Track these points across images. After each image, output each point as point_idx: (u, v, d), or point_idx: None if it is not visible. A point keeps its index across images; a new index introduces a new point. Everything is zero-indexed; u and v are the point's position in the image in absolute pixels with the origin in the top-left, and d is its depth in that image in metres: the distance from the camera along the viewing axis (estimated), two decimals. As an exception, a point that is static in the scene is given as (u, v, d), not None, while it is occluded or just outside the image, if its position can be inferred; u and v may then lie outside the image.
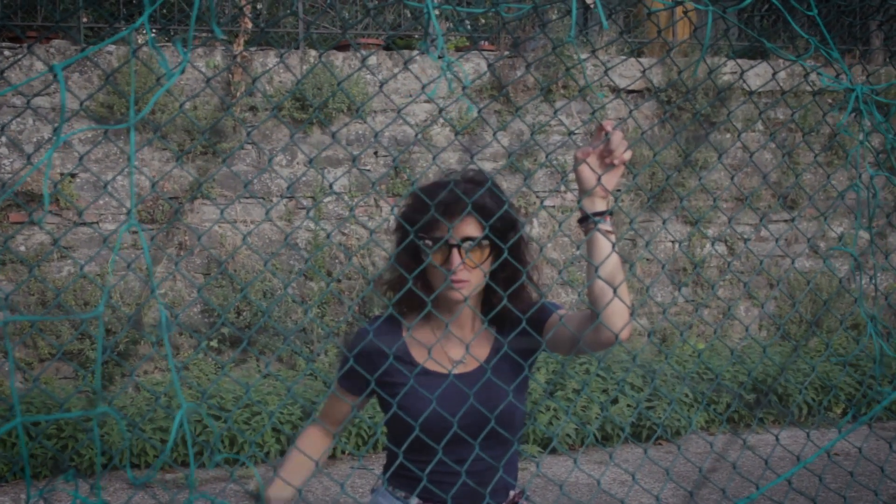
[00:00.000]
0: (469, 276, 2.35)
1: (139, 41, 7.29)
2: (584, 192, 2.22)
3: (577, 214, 2.29)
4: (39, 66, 7.02)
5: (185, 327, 7.09)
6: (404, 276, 2.33)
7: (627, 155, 2.23)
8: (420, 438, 2.25)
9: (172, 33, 7.95)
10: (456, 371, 2.43)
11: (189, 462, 6.08)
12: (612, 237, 2.21)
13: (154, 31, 7.72)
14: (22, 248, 6.99)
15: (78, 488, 1.54)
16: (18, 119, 6.99)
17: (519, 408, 2.41)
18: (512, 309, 2.36)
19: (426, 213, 2.26)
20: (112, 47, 7.31)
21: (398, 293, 2.40)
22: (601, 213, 2.21)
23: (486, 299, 2.46)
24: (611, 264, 2.20)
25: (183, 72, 1.58)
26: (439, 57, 1.80)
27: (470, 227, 2.35)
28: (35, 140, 6.99)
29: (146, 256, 1.61)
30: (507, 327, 2.45)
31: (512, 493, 2.48)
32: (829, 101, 8.21)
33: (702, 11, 2.28)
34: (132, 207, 1.38)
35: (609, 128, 2.18)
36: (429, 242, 2.36)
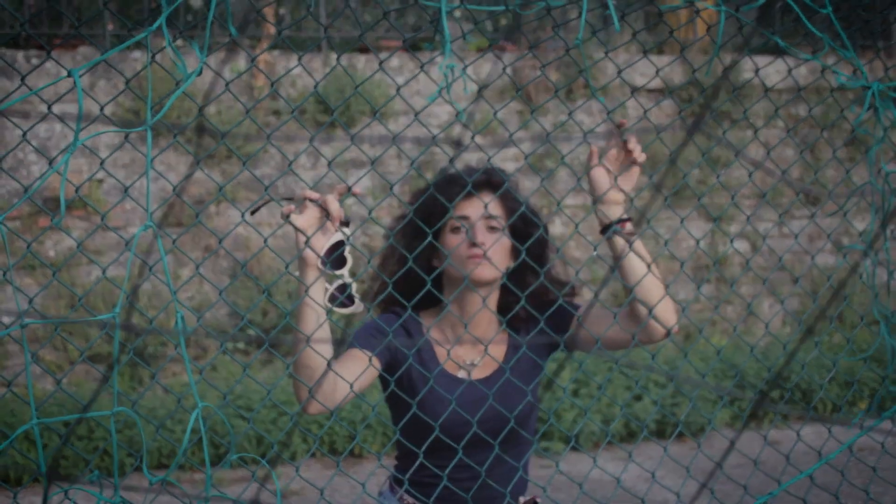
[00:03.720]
0: (490, 253, 2.24)
1: (163, 46, 7.37)
2: (597, 198, 2.19)
3: (598, 222, 2.25)
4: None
5: (209, 329, 7.17)
6: (415, 272, 2.20)
7: (642, 157, 2.22)
8: (432, 442, 2.20)
9: (196, 39, 8.04)
10: (473, 375, 2.36)
11: (213, 462, 6.13)
12: (636, 241, 2.20)
13: (175, 35, 7.80)
14: (52, 254, 7.10)
15: (102, 489, 1.59)
16: (46, 126, 7.09)
17: (535, 410, 2.36)
18: (530, 309, 2.28)
19: (443, 198, 2.20)
20: (139, 54, 7.40)
21: (409, 290, 2.27)
22: (619, 221, 2.19)
23: (504, 301, 2.38)
24: (642, 269, 2.20)
25: (200, 74, 1.64)
26: (457, 59, 1.84)
27: (491, 207, 2.29)
28: (63, 146, 7.10)
29: (162, 258, 1.66)
30: (524, 329, 2.39)
31: (522, 499, 2.42)
32: (851, 96, 8.18)
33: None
34: (148, 208, 1.43)
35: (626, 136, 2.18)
36: (455, 223, 2.29)
